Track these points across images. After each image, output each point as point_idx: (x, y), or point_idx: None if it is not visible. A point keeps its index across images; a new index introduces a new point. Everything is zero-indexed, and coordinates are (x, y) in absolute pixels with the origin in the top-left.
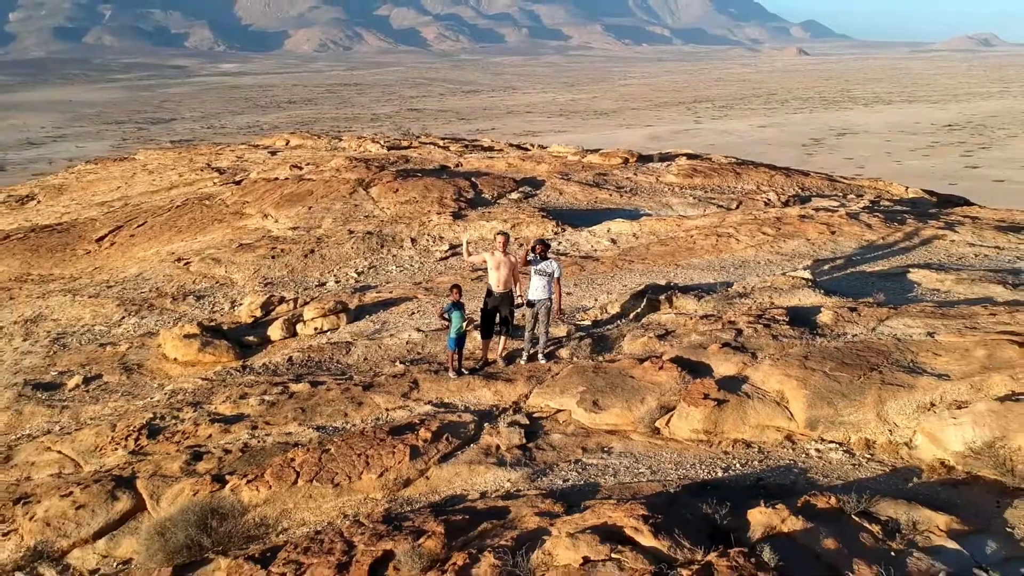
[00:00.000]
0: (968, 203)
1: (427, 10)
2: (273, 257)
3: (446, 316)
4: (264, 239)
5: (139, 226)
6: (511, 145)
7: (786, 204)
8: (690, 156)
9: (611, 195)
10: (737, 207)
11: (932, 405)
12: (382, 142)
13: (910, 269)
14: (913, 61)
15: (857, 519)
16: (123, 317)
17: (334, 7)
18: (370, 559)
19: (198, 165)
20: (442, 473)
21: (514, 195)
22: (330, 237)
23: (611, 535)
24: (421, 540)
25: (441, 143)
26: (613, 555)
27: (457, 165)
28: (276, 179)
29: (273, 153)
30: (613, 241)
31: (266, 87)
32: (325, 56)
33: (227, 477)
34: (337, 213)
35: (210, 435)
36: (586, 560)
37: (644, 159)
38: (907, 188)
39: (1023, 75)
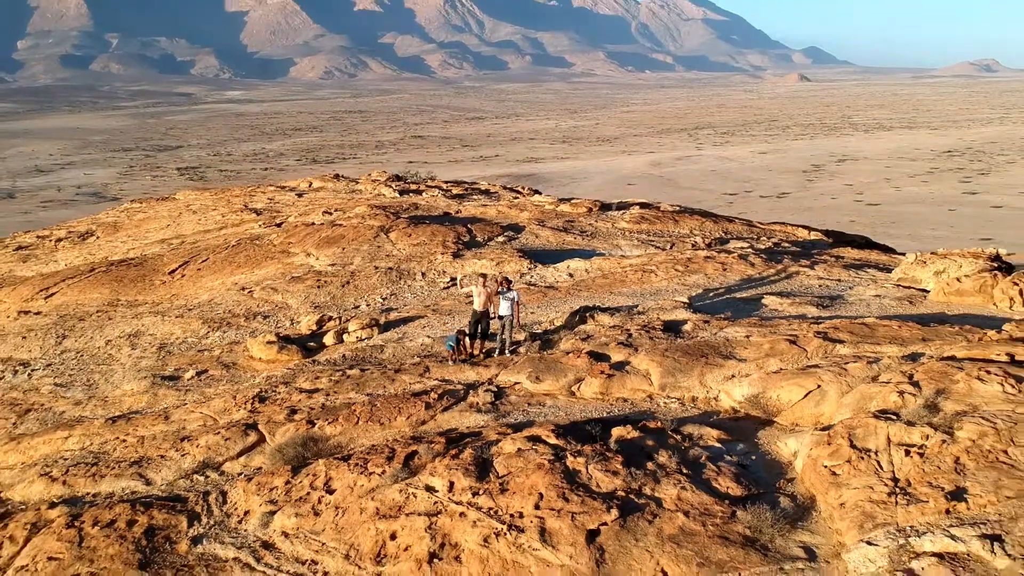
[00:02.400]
0: (869, 243)
1: (431, 38)
2: (318, 287)
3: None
4: (309, 273)
5: (203, 261)
6: (504, 188)
7: (709, 245)
8: (642, 205)
9: (575, 238)
10: (671, 248)
11: (732, 376)
12: (394, 186)
13: (765, 296)
14: (915, 87)
15: (671, 433)
16: (208, 332)
17: (339, 35)
18: (404, 454)
19: (236, 206)
20: (444, 417)
21: (500, 238)
22: (360, 271)
23: (534, 439)
24: (431, 445)
25: (444, 186)
26: (533, 447)
27: (457, 212)
28: (312, 224)
29: (300, 195)
30: (570, 275)
31: (272, 114)
32: (330, 83)
33: (315, 421)
34: (365, 253)
35: (299, 400)
36: (519, 449)
37: (605, 207)
38: (809, 231)
39: (1023, 101)
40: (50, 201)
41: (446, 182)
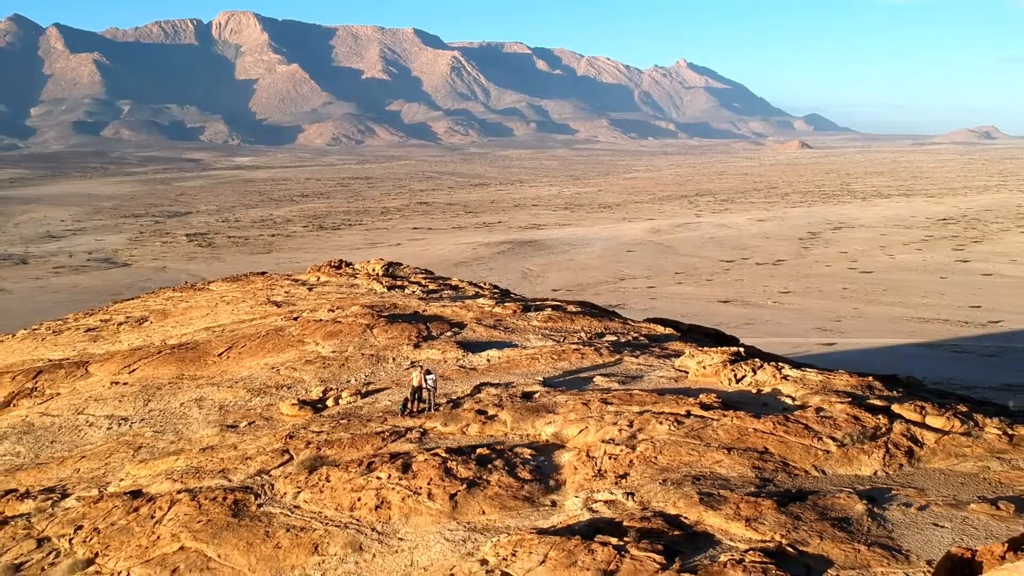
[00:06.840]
0: (719, 335)
1: (438, 106)
2: (323, 367)
3: (407, 398)
4: (318, 357)
5: (242, 347)
6: (470, 283)
7: (590, 339)
8: (553, 307)
9: (499, 333)
10: (562, 341)
11: (549, 422)
12: (384, 282)
13: (596, 376)
14: (914, 154)
15: (507, 451)
16: (252, 397)
17: (347, 103)
18: (367, 462)
19: (260, 299)
20: (392, 445)
21: (448, 333)
22: (352, 357)
23: (435, 454)
24: (383, 458)
25: (423, 282)
26: (433, 458)
27: (424, 311)
28: (320, 320)
29: (310, 288)
30: (488, 361)
31: (279, 180)
32: (337, 150)
33: (321, 448)
34: (355, 343)
35: (312, 437)
36: (426, 459)
37: (527, 308)
38: (665, 327)
39: (1022, 168)
40: (62, 267)
41: (425, 277)
